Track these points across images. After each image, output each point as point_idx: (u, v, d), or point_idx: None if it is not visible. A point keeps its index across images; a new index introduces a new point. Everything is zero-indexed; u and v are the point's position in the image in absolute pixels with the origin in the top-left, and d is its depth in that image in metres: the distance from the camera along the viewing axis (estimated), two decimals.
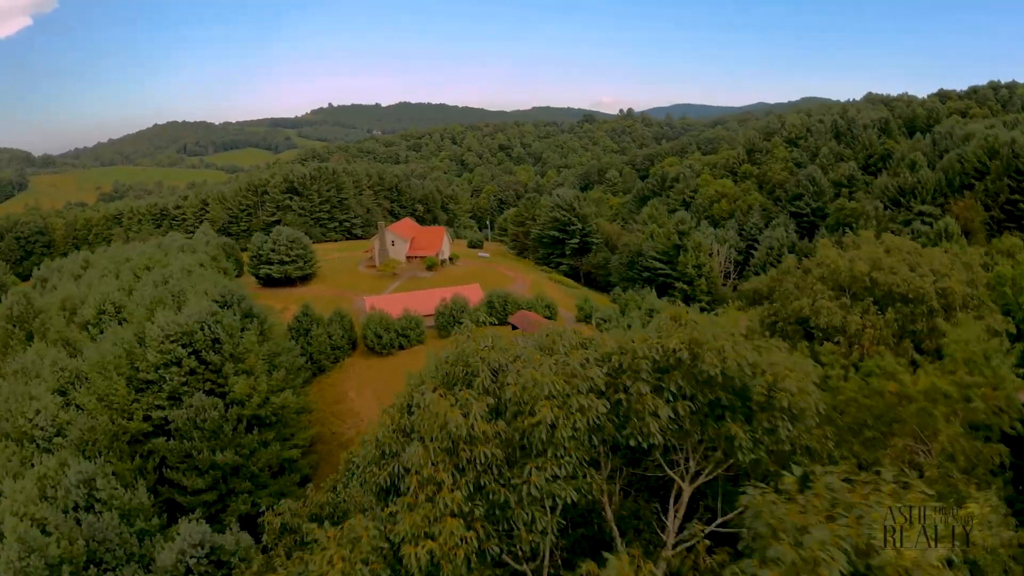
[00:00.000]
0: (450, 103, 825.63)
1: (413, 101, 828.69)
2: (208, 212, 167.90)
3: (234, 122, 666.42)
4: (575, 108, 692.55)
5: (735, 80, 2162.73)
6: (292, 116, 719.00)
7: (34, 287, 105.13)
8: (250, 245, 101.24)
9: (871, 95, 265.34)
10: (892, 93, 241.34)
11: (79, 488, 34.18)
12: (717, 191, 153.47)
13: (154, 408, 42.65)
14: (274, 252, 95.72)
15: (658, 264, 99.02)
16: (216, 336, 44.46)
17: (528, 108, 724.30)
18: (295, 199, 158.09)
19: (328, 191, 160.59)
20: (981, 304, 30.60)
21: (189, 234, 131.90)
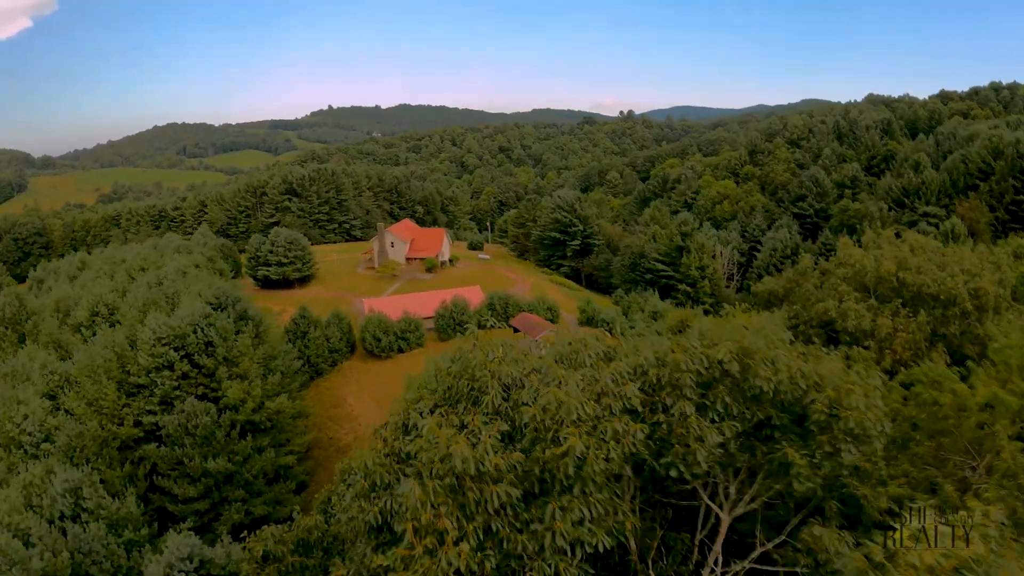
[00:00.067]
0: (450, 105, 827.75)
1: (413, 103, 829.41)
2: (207, 214, 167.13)
3: (234, 124, 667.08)
4: (575, 110, 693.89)
5: (735, 82, 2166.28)
6: (292, 118, 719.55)
7: (30, 289, 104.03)
8: (248, 247, 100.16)
9: (872, 96, 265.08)
10: (893, 95, 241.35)
11: (65, 497, 33.01)
12: (719, 192, 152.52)
13: (145, 413, 41.45)
14: (272, 254, 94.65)
15: (660, 266, 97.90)
16: (209, 339, 43.27)
17: (528, 110, 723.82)
18: (294, 200, 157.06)
19: (327, 192, 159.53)
20: (1011, 305, 29.17)
21: (188, 235, 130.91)
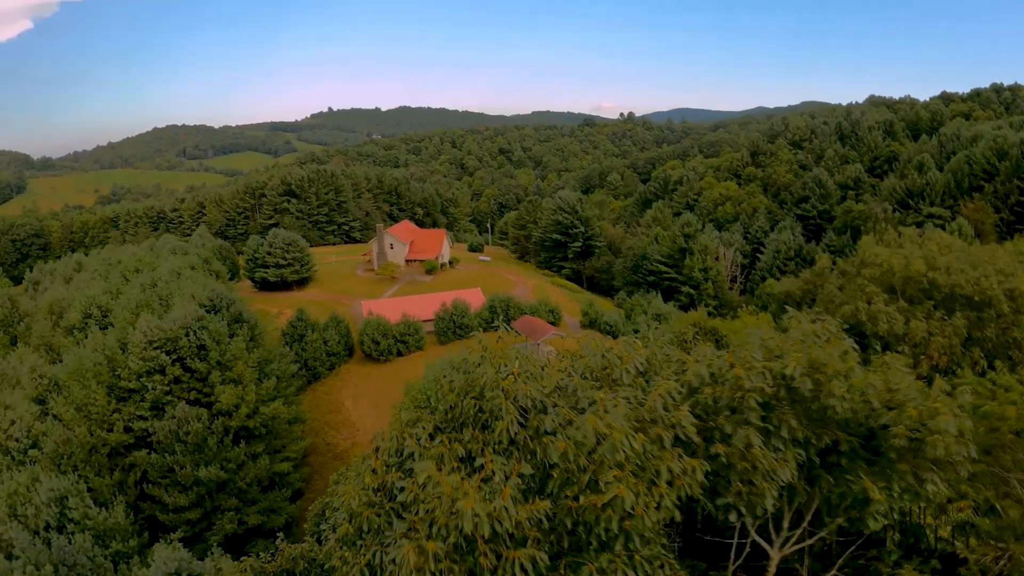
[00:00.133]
0: (450, 107, 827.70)
1: (413, 105, 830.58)
2: (205, 215, 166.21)
3: (234, 126, 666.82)
4: (575, 113, 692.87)
5: (735, 84, 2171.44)
6: (292, 120, 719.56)
7: (26, 290, 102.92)
8: (246, 248, 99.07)
9: (874, 98, 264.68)
10: (894, 96, 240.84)
11: (50, 506, 31.78)
12: (721, 194, 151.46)
13: (136, 419, 40.21)
14: (270, 255, 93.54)
15: (663, 268, 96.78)
16: (202, 342, 42.06)
17: (528, 113, 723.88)
18: (293, 202, 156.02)
19: (326, 194, 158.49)
20: None
21: (186, 237, 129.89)
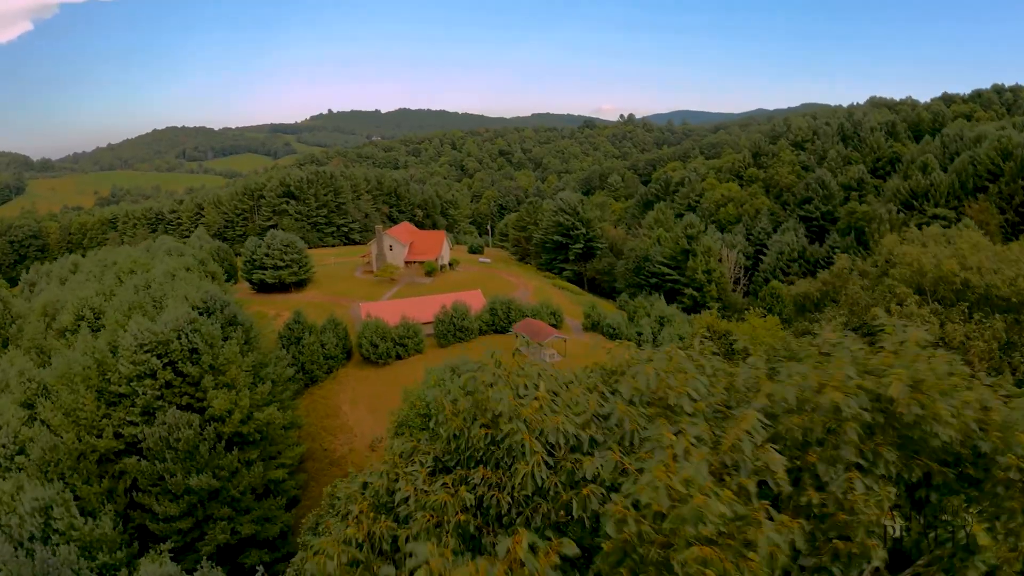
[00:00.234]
0: (450, 109, 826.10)
1: (413, 107, 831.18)
2: (203, 216, 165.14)
3: (233, 128, 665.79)
4: (575, 115, 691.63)
5: (735, 86, 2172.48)
6: (292, 122, 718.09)
7: (22, 291, 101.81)
8: (243, 249, 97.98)
9: (875, 99, 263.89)
10: (895, 97, 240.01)
11: (34, 516, 30.65)
12: (723, 195, 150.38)
13: (126, 424, 39.04)
14: (268, 257, 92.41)
15: (666, 269, 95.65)
16: (194, 346, 40.90)
17: (528, 115, 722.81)
18: (291, 203, 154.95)
19: (326, 195, 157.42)
20: None
21: (184, 238, 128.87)
